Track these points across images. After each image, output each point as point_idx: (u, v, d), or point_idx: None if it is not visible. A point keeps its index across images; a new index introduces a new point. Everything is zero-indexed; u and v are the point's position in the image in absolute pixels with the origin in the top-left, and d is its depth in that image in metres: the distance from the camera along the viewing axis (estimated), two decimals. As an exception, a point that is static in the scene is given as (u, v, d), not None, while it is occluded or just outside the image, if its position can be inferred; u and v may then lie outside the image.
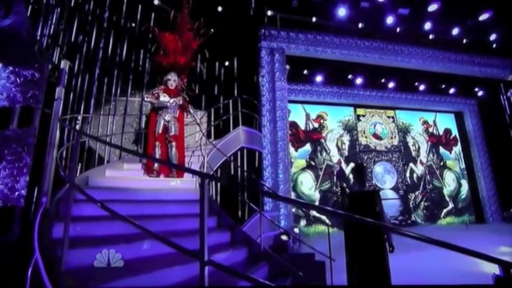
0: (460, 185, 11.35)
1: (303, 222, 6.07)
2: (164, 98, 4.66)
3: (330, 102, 10.69)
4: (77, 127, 5.17)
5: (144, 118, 6.86)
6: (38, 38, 4.35)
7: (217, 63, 8.50)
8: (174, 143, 4.56)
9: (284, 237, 4.71)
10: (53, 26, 6.15)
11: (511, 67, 9.70)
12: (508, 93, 10.63)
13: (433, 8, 7.69)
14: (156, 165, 4.45)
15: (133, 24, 7.25)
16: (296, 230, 6.03)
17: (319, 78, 10.07)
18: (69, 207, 1.96)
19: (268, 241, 5.34)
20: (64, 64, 3.29)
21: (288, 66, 8.64)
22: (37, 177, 2.87)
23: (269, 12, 7.80)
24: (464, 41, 8.92)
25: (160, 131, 4.57)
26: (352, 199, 3.22)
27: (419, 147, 11.32)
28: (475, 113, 11.49)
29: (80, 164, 5.44)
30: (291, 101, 9.48)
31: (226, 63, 8.77)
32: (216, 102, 8.33)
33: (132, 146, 6.50)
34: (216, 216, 3.76)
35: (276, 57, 8.15)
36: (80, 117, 5.46)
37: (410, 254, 4.73)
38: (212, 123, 7.79)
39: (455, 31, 8.47)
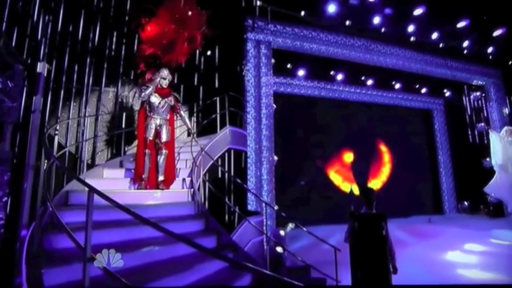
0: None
1: (291, 225, 6.07)
2: (156, 99, 4.21)
3: (310, 96, 10.67)
4: (56, 138, 4.51)
5: (118, 113, 6.26)
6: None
7: (197, 52, 7.96)
8: (165, 151, 4.19)
9: (279, 250, 4.65)
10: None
11: (478, 72, 10.34)
12: (472, 96, 11.40)
13: (418, 12, 7.80)
14: (145, 174, 4.06)
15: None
16: (282, 233, 6.02)
17: (301, 72, 9.96)
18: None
19: (258, 247, 5.28)
20: (42, 67, 2.77)
21: (273, 60, 8.35)
22: (15, 208, 2.43)
23: (258, 3, 7.36)
24: (441, 45, 9.26)
25: (151, 137, 4.15)
26: (360, 222, 3.20)
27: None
28: (441, 112, 12.24)
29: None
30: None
31: (208, 53, 8.27)
32: (196, 93, 7.89)
33: (105, 147, 5.90)
34: (215, 235, 3.55)
35: (262, 50, 7.79)
36: (58, 126, 4.77)
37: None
38: (195, 118, 7.39)
39: (434, 35, 8.73)
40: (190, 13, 4.34)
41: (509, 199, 9.27)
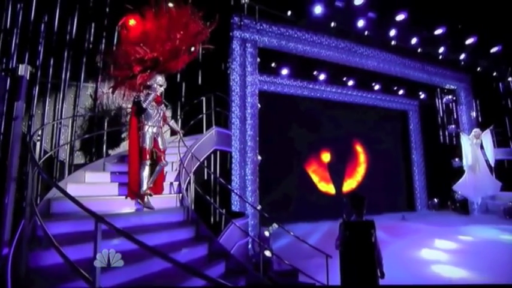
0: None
1: (275, 226, 6.12)
2: (153, 107, 4.01)
3: (293, 96, 10.73)
4: (37, 144, 4.20)
5: (98, 111, 5.96)
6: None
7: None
8: (165, 162, 4.04)
9: (268, 254, 4.69)
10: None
11: (452, 77, 10.92)
12: (444, 99, 12.03)
13: (400, 17, 8.05)
14: (144, 187, 3.80)
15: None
16: (266, 233, 6.08)
17: (284, 71, 9.98)
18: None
19: (244, 250, 5.29)
20: (23, 70, 2.56)
21: (258, 59, 8.28)
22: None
23: (246, 0, 7.23)
24: (419, 50, 9.65)
25: (150, 147, 3.93)
26: (350, 229, 3.29)
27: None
28: (416, 113, 12.81)
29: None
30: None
31: (192, 49, 8.03)
32: (178, 91, 7.68)
33: (85, 147, 5.59)
34: (206, 242, 3.50)
35: (248, 49, 7.69)
36: (40, 131, 4.43)
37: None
38: (179, 117, 7.21)
39: (414, 40, 9.08)
40: (195, 25, 4.19)
41: (474, 198, 9.98)
